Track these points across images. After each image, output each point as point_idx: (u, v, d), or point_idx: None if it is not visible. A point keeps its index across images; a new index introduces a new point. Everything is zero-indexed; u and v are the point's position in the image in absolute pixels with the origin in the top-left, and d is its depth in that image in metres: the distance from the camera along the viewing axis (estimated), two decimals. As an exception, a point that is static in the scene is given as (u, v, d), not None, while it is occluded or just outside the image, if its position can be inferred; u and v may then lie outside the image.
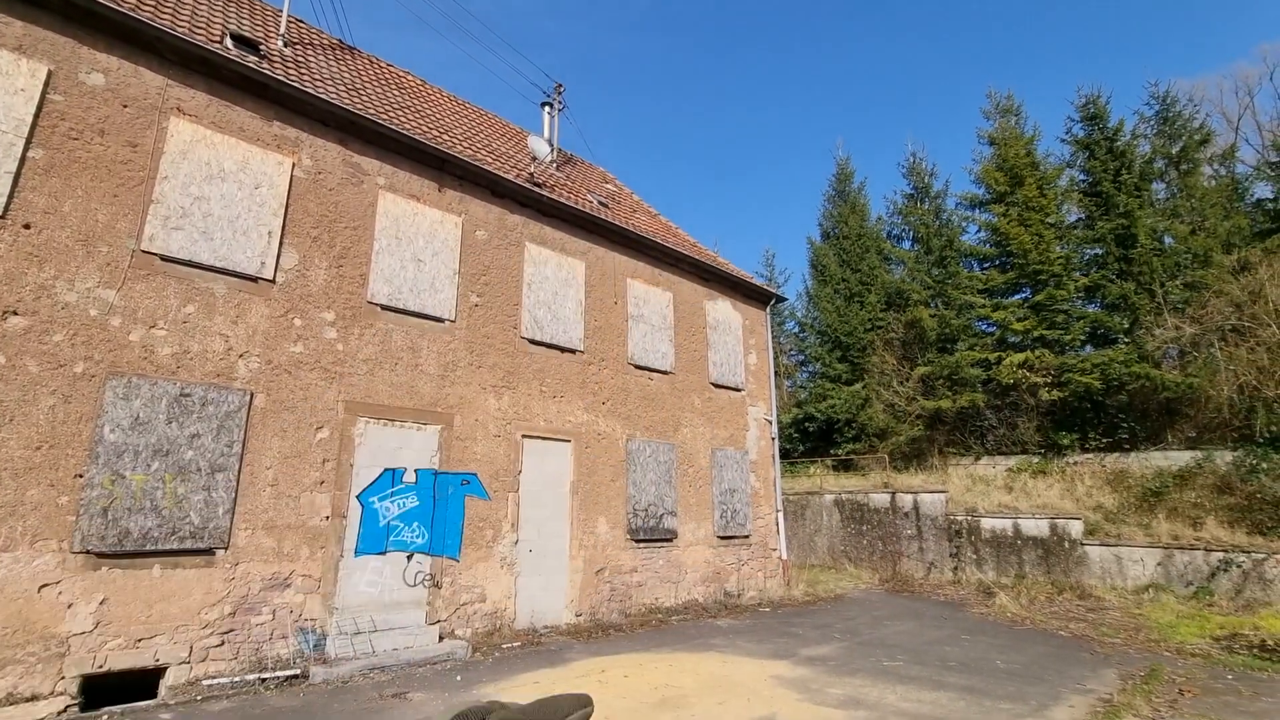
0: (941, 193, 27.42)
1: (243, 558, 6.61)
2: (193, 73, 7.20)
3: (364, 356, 8.02)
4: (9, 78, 6.02)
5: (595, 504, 10.26)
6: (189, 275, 6.79)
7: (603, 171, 17.05)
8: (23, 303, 5.81)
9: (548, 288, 10.44)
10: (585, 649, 8.02)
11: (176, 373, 6.54)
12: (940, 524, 15.53)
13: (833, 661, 7.48)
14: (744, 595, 12.32)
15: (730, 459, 13.02)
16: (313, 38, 11.10)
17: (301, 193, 7.86)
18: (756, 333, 14.84)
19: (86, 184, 6.31)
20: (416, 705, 5.64)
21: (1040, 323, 19.72)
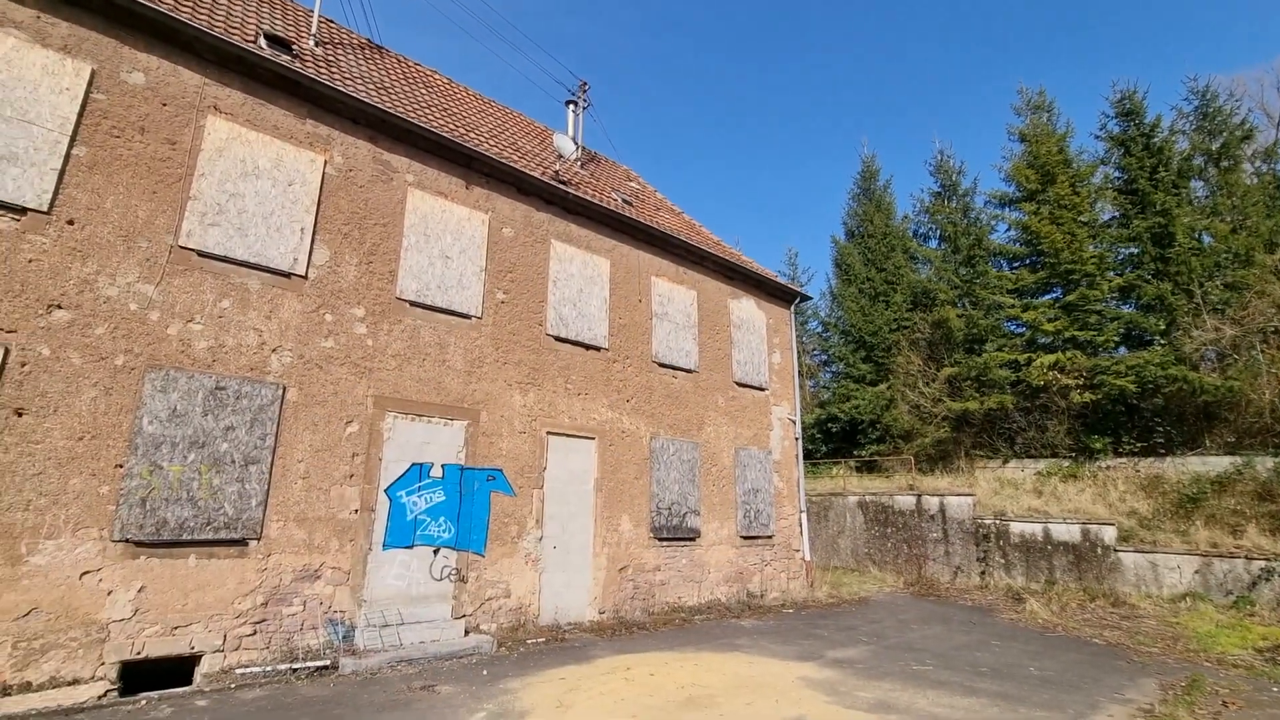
0: (970, 190, 26.96)
1: (275, 549, 6.72)
2: (229, 71, 7.32)
3: (393, 352, 8.10)
4: (55, 77, 6.17)
5: (619, 502, 10.25)
6: (225, 271, 6.91)
7: (626, 169, 17.03)
8: (67, 296, 5.96)
9: (573, 285, 10.45)
10: (609, 646, 8.01)
11: (212, 366, 6.66)
12: (967, 527, 15.26)
13: (860, 664, 7.37)
14: (767, 596, 12.22)
15: (753, 459, 12.93)
16: (343, 37, 11.24)
17: (333, 190, 7.96)
18: (780, 332, 14.71)
19: (127, 181, 6.46)
20: (445, 698, 5.67)
21: (1072, 323, 19.27)
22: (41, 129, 6.01)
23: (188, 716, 5.04)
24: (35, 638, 5.36)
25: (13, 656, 5.24)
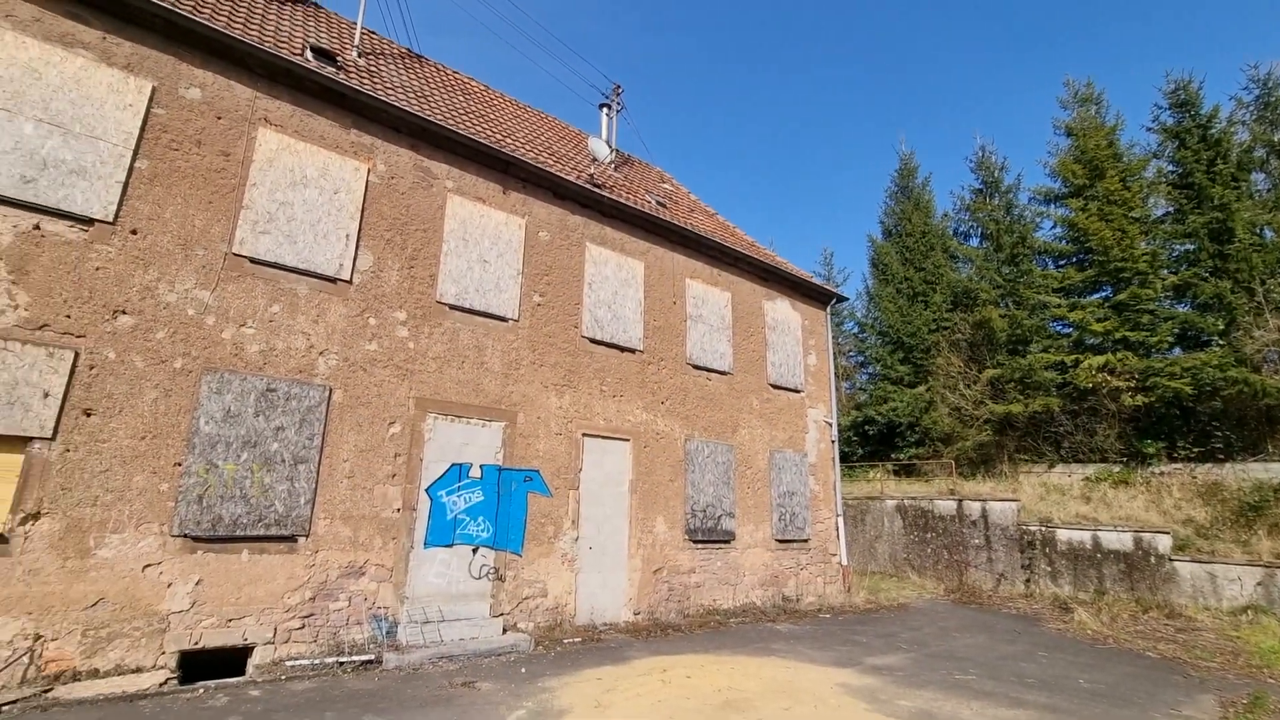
0: (1013, 187, 26.23)
1: (322, 546, 6.94)
2: (278, 85, 7.60)
3: (433, 354, 8.28)
4: (119, 94, 6.50)
5: (654, 503, 10.28)
6: (275, 276, 7.17)
7: (660, 171, 17.06)
8: (130, 303, 6.27)
9: (608, 287, 10.52)
10: (645, 648, 8.03)
11: (263, 369, 6.92)
12: (1011, 534, 14.82)
13: (900, 672, 7.24)
14: (803, 600, 12.09)
15: (789, 461, 12.80)
16: (384, 47, 11.54)
17: (376, 197, 8.18)
18: (816, 333, 14.54)
19: (185, 192, 6.76)
20: (485, 695, 5.78)
21: (1123, 323, 18.57)
22: (107, 144, 6.33)
23: (242, 705, 5.24)
24: (102, 627, 5.65)
25: (82, 644, 5.54)
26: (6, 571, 5.34)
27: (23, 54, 6.05)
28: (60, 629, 5.48)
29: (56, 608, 5.50)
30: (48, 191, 5.95)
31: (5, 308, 5.67)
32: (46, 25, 6.23)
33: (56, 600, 5.50)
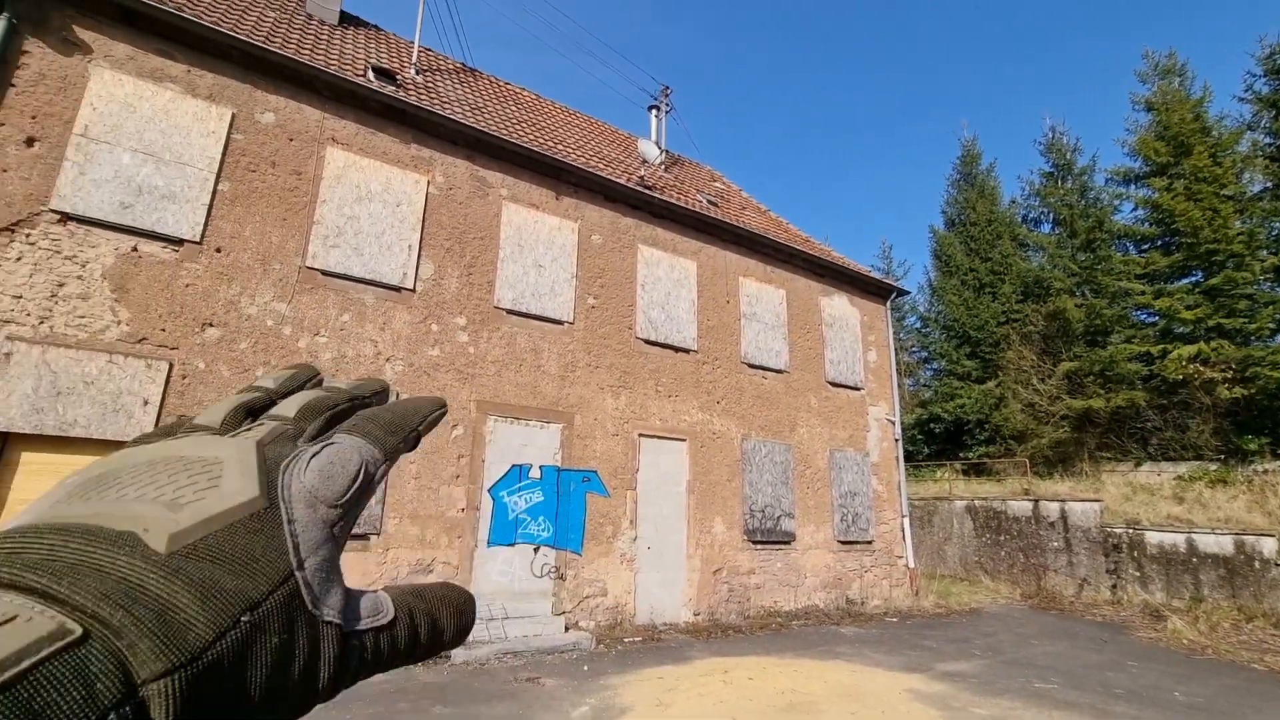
0: (1087, 169, 24.76)
1: (392, 544, 7.24)
2: (344, 105, 7.99)
3: (492, 358, 8.52)
4: (203, 122, 6.99)
5: (711, 503, 10.22)
6: (345, 287, 7.55)
7: (710, 170, 16.98)
8: (216, 316, 6.73)
9: (661, 288, 10.55)
10: (706, 648, 8.00)
11: (335, 375, 7.27)
12: (1094, 537, 13.95)
13: (974, 679, 6.93)
14: (868, 603, 11.75)
15: (850, 461, 12.48)
16: (439, 63, 11.96)
17: (435, 207, 8.49)
18: (875, 329, 14.13)
19: (263, 210, 7.20)
20: (549, 691, 5.89)
21: (1216, 310, 17.20)
22: (193, 169, 6.83)
23: (323, 694, 5.53)
24: (198, 617, 6.07)
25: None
26: (115, 565, 5.82)
27: (120, 90, 6.59)
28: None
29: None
30: (143, 215, 6.47)
31: (110, 324, 6.19)
32: (139, 62, 6.77)
33: (158, 592, 5.95)
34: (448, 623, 0.34)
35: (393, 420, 0.35)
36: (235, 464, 0.28)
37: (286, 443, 0.31)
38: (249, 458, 0.28)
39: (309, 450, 0.31)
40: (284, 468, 0.29)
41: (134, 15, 6.71)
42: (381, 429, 0.34)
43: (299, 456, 0.30)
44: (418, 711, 5.22)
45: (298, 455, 0.30)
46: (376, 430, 0.34)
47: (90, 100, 6.42)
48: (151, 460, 0.28)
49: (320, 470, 0.30)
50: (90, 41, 6.54)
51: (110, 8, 6.62)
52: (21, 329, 5.83)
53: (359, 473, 0.31)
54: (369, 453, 0.32)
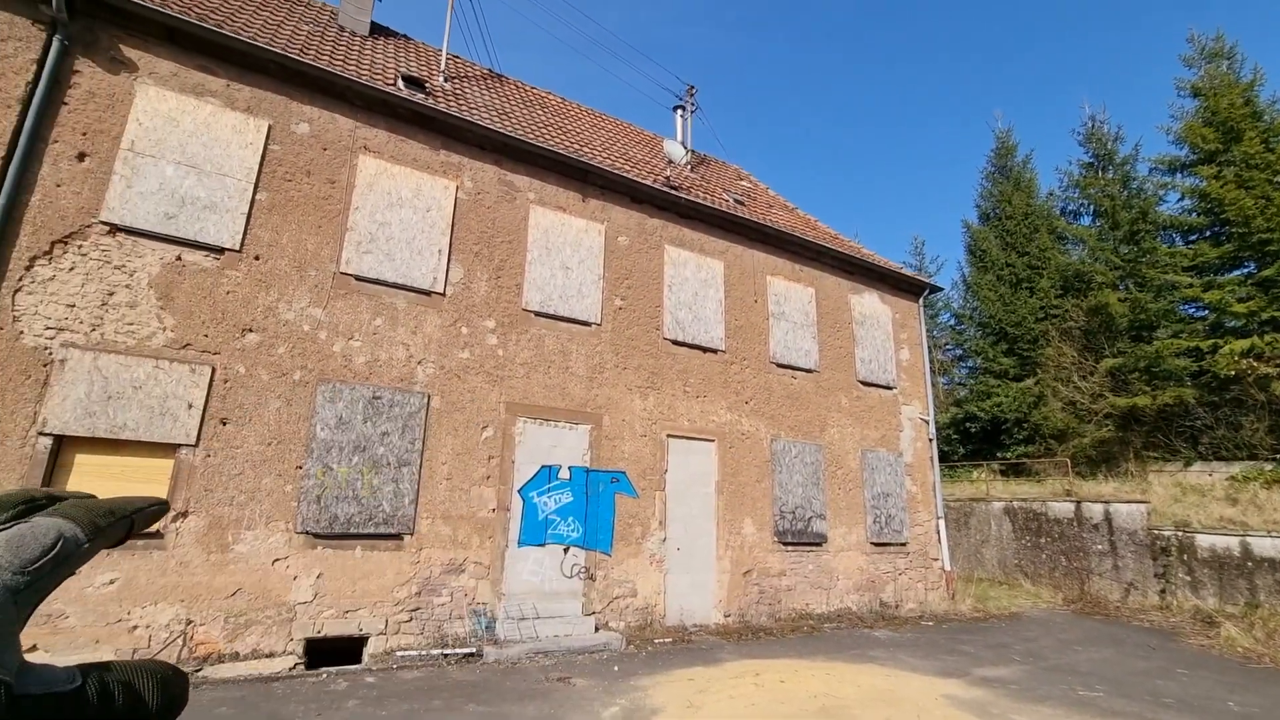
0: (1129, 158, 23.88)
1: (425, 544, 7.36)
2: (375, 114, 8.17)
3: (521, 360, 8.60)
4: (241, 134, 7.22)
5: (741, 504, 10.15)
6: (377, 292, 7.71)
7: (737, 169, 16.88)
8: (255, 321, 6.93)
9: (688, 288, 10.52)
10: (736, 650, 7.95)
11: (369, 378, 7.45)
12: (1140, 539, 13.45)
13: (1014, 685, 6.75)
14: (902, 606, 11.53)
15: (882, 461, 12.26)
16: (467, 70, 12.14)
17: (464, 212, 8.61)
18: (908, 326, 13.86)
19: (298, 218, 7.40)
20: (580, 691, 5.92)
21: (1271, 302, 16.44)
22: (233, 179, 7.05)
23: (360, 691, 5.65)
24: (240, 614, 6.27)
25: (225, 629, 6.17)
26: (162, 563, 6.04)
27: (163, 105, 6.85)
28: (206, 615, 6.14)
29: (203, 596, 6.16)
30: (186, 226, 6.71)
31: (156, 330, 6.43)
32: (181, 79, 7.02)
33: (203, 590, 6.17)
34: (150, 693, 0.36)
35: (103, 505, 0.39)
36: None
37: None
38: None
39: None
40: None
41: (177, 33, 6.97)
42: (88, 511, 0.37)
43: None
44: (451, 709, 5.29)
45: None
46: (79, 512, 0.37)
47: (136, 116, 6.69)
48: None
49: (8, 540, 0.33)
50: (136, 60, 6.81)
51: (155, 27, 6.88)
52: (75, 336, 6.10)
53: (55, 544, 0.33)
54: (69, 529, 0.35)
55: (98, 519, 0.37)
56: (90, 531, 0.36)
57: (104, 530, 0.37)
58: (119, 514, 0.39)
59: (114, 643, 5.72)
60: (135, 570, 5.94)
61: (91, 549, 0.36)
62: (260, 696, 5.41)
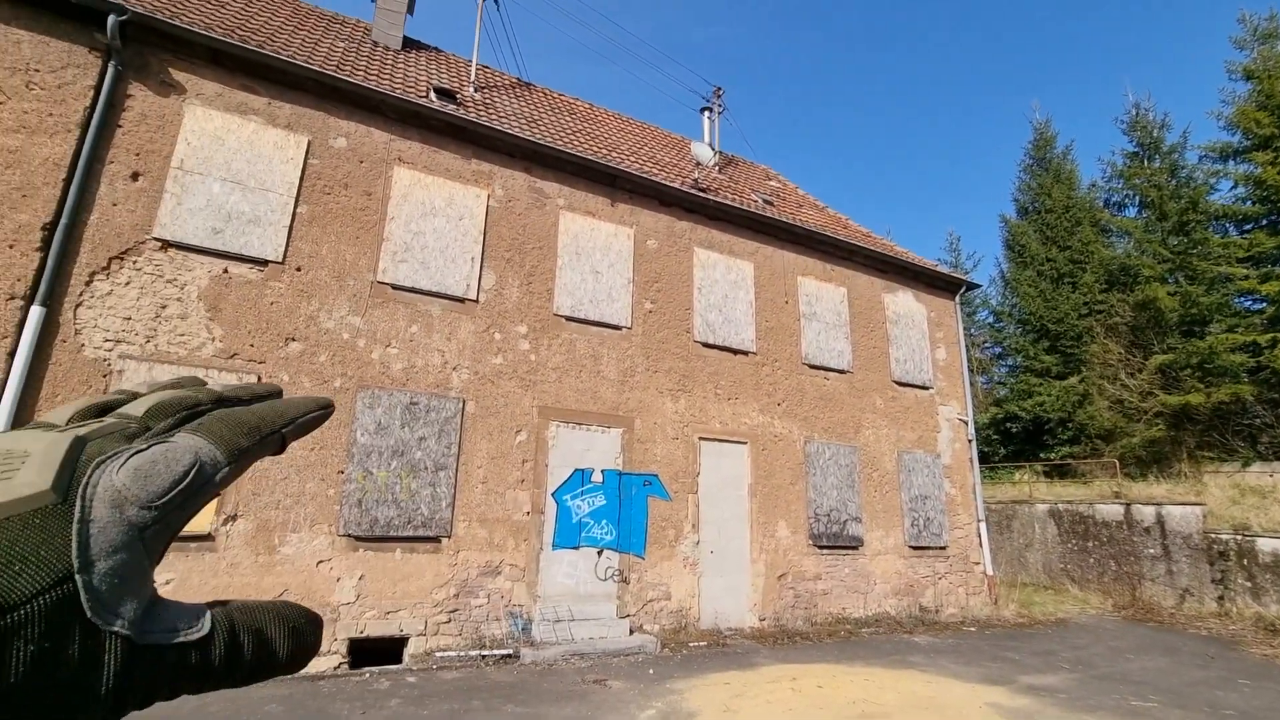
0: (1177, 146, 22.96)
1: (462, 546, 7.49)
2: (409, 126, 8.37)
3: (553, 365, 8.69)
4: (282, 150, 7.47)
5: (774, 507, 10.07)
6: (413, 300, 7.89)
7: (765, 169, 16.77)
8: (298, 330, 7.16)
9: (717, 290, 10.49)
10: (772, 654, 7.88)
11: (406, 384, 7.62)
12: (1196, 543, 12.89)
13: (1062, 694, 6.54)
14: (943, 611, 11.26)
15: (919, 463, 12.02)
16: (496, 79, 12.34)
17: (495, 220, 8.75)
18: (944, 325, 13.56)
19: (337, 230, 7.62)
20: (616, 693, 5.95)
21: (1335, 293, 15.61)
22: (275, 194, 7.31)
23: (402, 690, 5.78)
24: (287, 614, 6.46)
25: (272, 629, 6.37)
26: (214, 564, 6.28)
27: (209, 125, 7.14)
28: (255, 615, 6.34)
29: (251, 596, 6.34)
30: (232, 239, 6.97)
31: (205, 341, 6.70)
32: (225, 98, 7.30)
33: (251, 590, 6.38)
34: (280, 643, 0.31)
35: (249, 421, 0.33)
36: (39, 457, 0.27)
37: (119, 441, 0.29)
38: (56, 451, 0.27)
39: (132, 448, 0.29)
40: (95, 464, 0.27)
41: (221, 55, 7.26)
42: (231, 429, 0.32)
43: (118, 454, 0.28)
44: (490, 710, 5.37)
45: (117, 453, 0.28)
46: (224, 430, 0.31)
47: (185, 135, 6.98)
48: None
49: (136, 469, 0.28)
50: (184, 82, 7.12)
51: (201, 50, 7.18)
52: (131, 348, 6.39)
53: (188, 473, 0.28)
54: (208, 453, 0.30)
55: (240, 439, 0.32)
56: (230, 455, 0.31)
57: (248, 451, 0.32)
58: (266, 430, 0.33)
59: (170, 641, 5.96)
60: (189, 571, 6.19)
61: (232, 474, 0.31)
62: (307, 694, 5.58)
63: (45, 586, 0.23)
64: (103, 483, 0.27)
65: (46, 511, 0.25)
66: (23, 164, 6.22)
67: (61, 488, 0.26)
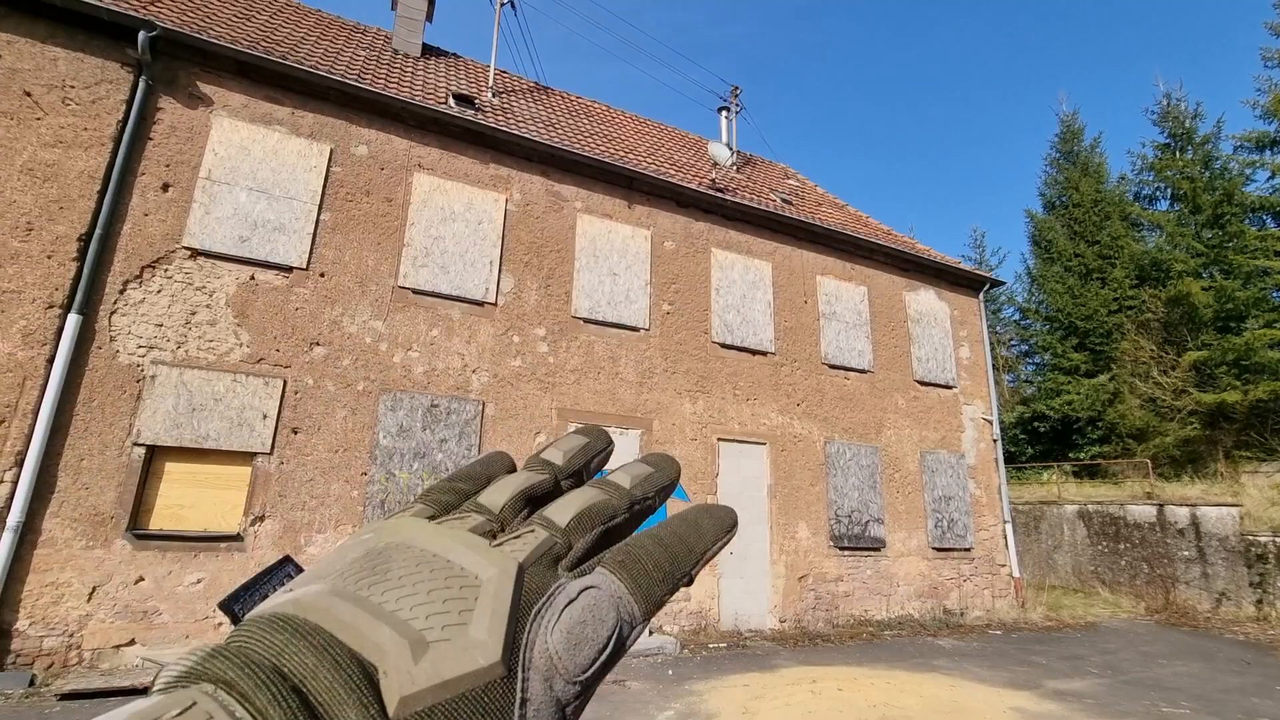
0: (1210, 137, 22.29)
1: (483, 547, 7.57)
2: (428, 132, 8.49)
3: (571, 367, 8.75)
4: (305, 158, 7.64)
5: (794, 508, 10.01)
6: (433, 304, 8.00)
7: (784, 168, 16.67)
8: (322, 335, 7.31)
9: (735, 291, 10.46)
10: (792, 656, 7.84)
11: (428, 387, 7.73)
12: (1232, 545, 12.52)
13: (1090, 699, 6.40)
14: (968, 614, 11.09)
15: (943, 463, 11.85)
16: (514, 84, 12.45)
17: (514, 224, 8.84)
18: (968, 323, 13.35)
19: (359, 236, 7.77)
20: (635, 694, 5.97)
21: (1380, 286, 15.04)
22: (299, 202, 7.47)
23: (423, 689, 5.87)
24: (313, 613, 6.60)
25: (299, 627, 6.52)
26: (243, 564, 6.44)
27: (236, 136, 7.32)
28: (283, 614, 6.49)
29: (279, 596, 6.52)
30: (258, 247, 7.14)
31: (234, 346, 6.87)
32: (251, 109, 7.49)
33: (279, 589, 6.53)
34: None
35: (665, 561, 0.29)
36: (490, 598, 0.24)
37: (549, 568, 0.27)
38: (504, 591, 0.25)
39: (564, 595, 0.26)
40: (534, 616, 0.25)
41: (247, 67, 7.44)
42: (649, 575, 0.28)
43: (552, 602, 0.25)
44: (510, 709, 5.43)
45: (551, 600, 0.26)
46: (643, 577, 0.28)
47: (212, 146, 7.18)
48: (423, 555, 0.26)
49: (569, 631, 0.25)
50: (211, 94, 7.31)
51: (228, 62, 7.37)
52: (163, 354, 6.58)
53: (610, 638, 0.25)
54: (627, 610, 0.26)
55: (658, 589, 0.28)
56: (646, 612, 0.27)
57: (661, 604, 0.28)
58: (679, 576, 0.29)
59: (201, 637, 6.14)
60: (219, 570, 6.36)
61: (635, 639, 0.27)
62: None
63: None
64: (538, 646, 0.24)
65: (493, 688, 0.22)
66: (60, 177, 6.45)
67: (508, 656, 0.23)
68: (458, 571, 0.25)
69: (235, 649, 0.21)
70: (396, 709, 0.21)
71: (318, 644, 0.21)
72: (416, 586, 0.24)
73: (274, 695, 0.19)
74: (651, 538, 0.30)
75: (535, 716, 0.23)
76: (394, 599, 0.23)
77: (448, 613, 0.23)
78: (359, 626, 0.22)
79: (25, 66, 6.51)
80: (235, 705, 0.19)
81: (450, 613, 0.24)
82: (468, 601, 0.24)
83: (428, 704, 0.21)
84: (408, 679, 0.21)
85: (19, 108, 6.42)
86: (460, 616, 0.24)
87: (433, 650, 0.22)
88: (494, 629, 0.23)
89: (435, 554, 0.26)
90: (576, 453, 0.34)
